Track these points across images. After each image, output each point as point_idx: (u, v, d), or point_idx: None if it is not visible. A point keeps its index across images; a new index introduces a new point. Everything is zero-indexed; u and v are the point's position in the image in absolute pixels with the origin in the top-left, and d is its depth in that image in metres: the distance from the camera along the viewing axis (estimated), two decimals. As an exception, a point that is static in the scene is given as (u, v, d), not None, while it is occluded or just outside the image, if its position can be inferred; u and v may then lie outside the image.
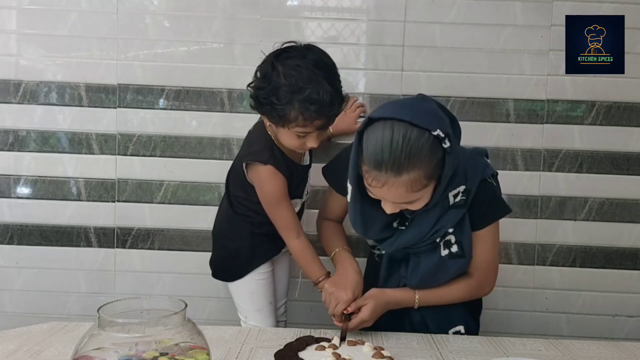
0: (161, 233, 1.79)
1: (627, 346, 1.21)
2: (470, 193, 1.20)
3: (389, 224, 1.25)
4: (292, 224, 1.41)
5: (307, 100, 1.23)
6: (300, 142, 1.32)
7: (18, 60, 1.76)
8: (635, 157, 1.75)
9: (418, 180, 1.08)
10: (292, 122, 1.26)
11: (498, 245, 1.32)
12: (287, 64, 1.25)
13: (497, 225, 1.29)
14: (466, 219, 1.23)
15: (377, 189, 1.10)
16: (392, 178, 1.07)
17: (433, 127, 1.06)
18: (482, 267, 1.29)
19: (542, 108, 1.74)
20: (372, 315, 1.21)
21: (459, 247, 1.23)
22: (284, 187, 1.39)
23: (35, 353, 1.05)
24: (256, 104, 1.31)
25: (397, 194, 1.09)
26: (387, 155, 1.05)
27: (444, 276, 1.26)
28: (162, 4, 1.75)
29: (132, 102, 1.76)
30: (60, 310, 1.80)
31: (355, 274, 1.28)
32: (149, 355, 0.77)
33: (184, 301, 0.82)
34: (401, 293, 1.27)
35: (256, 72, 1.31)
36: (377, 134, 1.07)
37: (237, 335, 1.19)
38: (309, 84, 1.23)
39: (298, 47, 1.29)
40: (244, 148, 1.48)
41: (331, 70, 1.29)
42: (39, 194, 1.78)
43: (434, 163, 1.08)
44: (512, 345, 1.19)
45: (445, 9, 1.71)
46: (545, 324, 1.80)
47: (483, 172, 1.23)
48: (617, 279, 1.78)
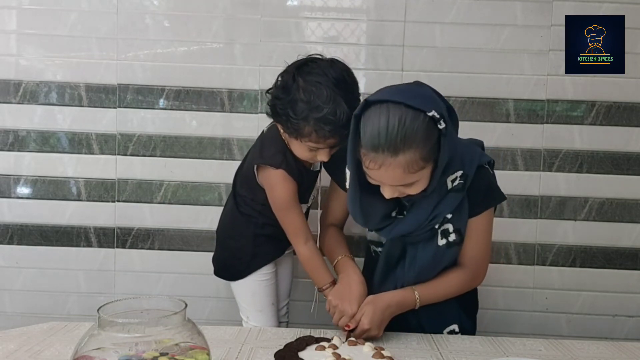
0: (161, 233, 1.79)
1: (627, 346, 1.21)
2: (467, 178, 1.21)
3: (389, 214, 1.25)
4: (301, 229, 1.39)
5: (323, 120, 1.22)
6: (311, 155, 1.32)
7: (18, 60, 1.76)
8: (635, 157, 1.75)
9: (415, 161, 1.09)
10: (305, 137, 1.26)
11: (491, 235, 1.31)
12: (308, 79, 1.25)
13: (492, 215, 1.29)
14: (465, 204, 1.23)
15: (375, 171, 1.11)
16: (389, 159, 1.08)
17: (428, 108, 1.08)
18: (476, 257, 1.28)
19: (542, 108, 1.75)
20: (373, 322, 1.19)
21: (457, 234, 1.24)
22: (294, 191, 1.38)
23: (35, 353, 1.05)
24: (272, 112, 1.31)
25: (395, 175, 1.10)
26: (384, 136, 1.07)
27: (440, 263, 1.26)
28: (162, 4, 1.75)
29: (132, 102, 1.76)
30: (60, 310, 1.80)
31: (358, 285, 1.26)
32: (149, 355, 0.77)
33: (184, 301, 0.82)
34: (400, 293, 1.26)
35: (277, 80, 1.30)
36: (374, 117, 1.09)
37: (237, 335, 1.19)
38: (327, 103, 1.22)
39: (321, 62, 1.28)
40: (256, 150, 1.45)
41: (351, 89, 1.27)
42: (39, 194, 1.78)
43: (429, 144, 1.09)
44: (512, 345, 1.19)
45: (445, 9, 1.71)
46: (545, 324, 1.80)
47: (480, 159, 1.24)
48: (617, 279, 1.78)
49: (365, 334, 1.19)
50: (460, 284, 1.29)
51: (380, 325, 1.20)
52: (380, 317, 1.20)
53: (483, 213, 1.26)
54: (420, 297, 1.25)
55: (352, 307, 1.22)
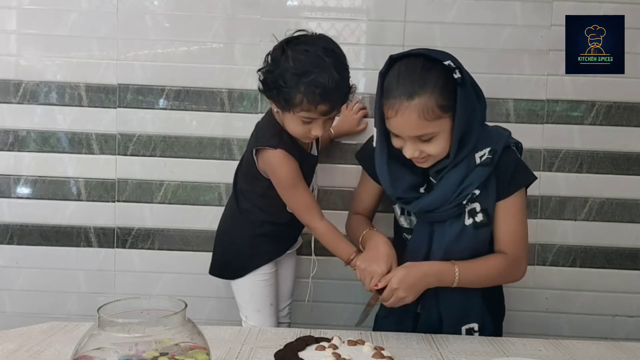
0: (161, 233, 1.79)
1: (627, 346, 1.21)
2: (496, 153, 1.22)
3: (416, 187, 1.26)
4: (313, 205, 1.39)
5: (313, 84, 1.24)
6: (305, 129, 1.32)
7: (18, 60, 1.76)
8: (635, 157, 1.75)
9: (430, 107, 1.12)
10: (297, 106, 1.27)
11: (525, 219, 1.29)
12: (296, 49, 1.27)
13: (523, 197, 1.27)
14: (492, 182, 1.22)
15: (393, 119, 1.15)
16: (405, 102, 1.13)
17: (444, 59, 1.15)
18: (511, 241, 1.26)
19: (542, 108, 1.74)
20: (403, 283, 1.15)
21: (484, 214, 1.23)
22: (297, 169, 1.37)
23: (35, 353, 1.05)
24: (264, 87, 1.32)
25: (411, 120, 1.13)
26: (401, 82, 1.14)
27: (468, 245, 1.23)
28: (162, 4, 1.75)
29: (132, 102, 1.76)
30: (60, 310, 1.80)
31: (385, 245, 1.24)
32: (149, 355, 0.77)
33: (184, 301, 0.82)
34: (439, 264, 1.22)
35: (267, 57, 1.33)
36: (395, 69, 1.18)
37: (237, 335, 1.19)
38: (316, 68, 1.24)
39: (310, 35, 1.32)
40: (253, 137, 1.47)
41: (340, 59, 1.30)
42: (39, 194, 1.78)
43: (444, 91, 1.14)
44: (512, 345, 1.19)
45: (445, 9, 1.71)
46: (545, 324, 1.80)
47: (507, 140, 1.26)
48: (617, 279, 1.78)
49: (394, 296, 1.16)
50: (501, 269, 1.25)
51: (411, 289, 1.16)
52: (413, 280, 1.16)
53: (513, 195, 1.24)
54: (460, 273, 1.20)
55: (380, 267, 1.19)
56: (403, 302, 1.17)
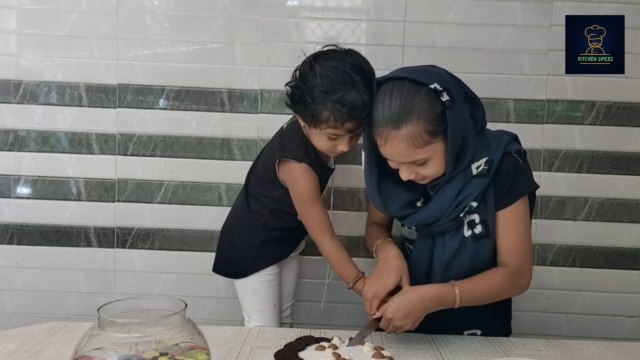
0: (161, 233, 1.79)
1: (627, 346, 1.21)
2: (493, 163, 1.18)
3: (412, 202, 1.25)
4: (326, 224, 1.39)
5: (340, 102, 1.23)
6: (331, 145, 1.32)
7: (18, 60, 1.76)
8: (635, 157, 1.75)
9: (418, 134, 1.10)
10: (324, 122, 1.26)
11: (529, 229, 1.24)
12: (324, 65, 1.27)
13: (525, 206, 1.23)
14: (490, 193, 1.19)
15: (383, 147, 1.14)
16: (393, 132, 1.11)
17: (430, 81, 1.11)
18: (513, 252, 1.21)
19: (542, 108, 1.75)
20: (398, 312, 1.12)
21: (483, 226, 1.20)
22: (317, 185, 1.38)
23: (35, 353, 1.05)
24: (291, 102, 1.32)
25: (400, 149, 1.12)
26: (387, 110, 1.11)
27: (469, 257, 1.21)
28: (162, 4, 1.75)
29: (132, 102, 1.76)
30: (60, 310, 1.80)
31: (396, 258, 1.22)
32: (149, 355, 0.77)
33: (184, 301, 0.82)
34: (438, 287, 1.18)
35: (295, 72, 1.32)
36: (380, 94, 1.15)
37: (237, 335, 1.19)
38: (343, 85, 1.23)
39: (338, 50, 1.31)
40: (277, 145, 1.44)
41: (368, 76, 1.27)
42: (39, 194, 1.78)
43: (432, 116, 1.10)
44: (512, 345, 1.19)
45: (445, 9, 1.71)
46: (545, 324, 1.80)
47: (507, 147, 1.20)
48: (617, 279, 1.78)
49: (391, 325, 1.13)
50: (503, 283, 1.20)
51: (407, 317, 1.12)
52: (409, 308, 1.13)
53: (514, 204, 1.20)
54: (461, 294, 1.15)
55: (390, 279, 1.18)
56: (402, 330, 1.15)
